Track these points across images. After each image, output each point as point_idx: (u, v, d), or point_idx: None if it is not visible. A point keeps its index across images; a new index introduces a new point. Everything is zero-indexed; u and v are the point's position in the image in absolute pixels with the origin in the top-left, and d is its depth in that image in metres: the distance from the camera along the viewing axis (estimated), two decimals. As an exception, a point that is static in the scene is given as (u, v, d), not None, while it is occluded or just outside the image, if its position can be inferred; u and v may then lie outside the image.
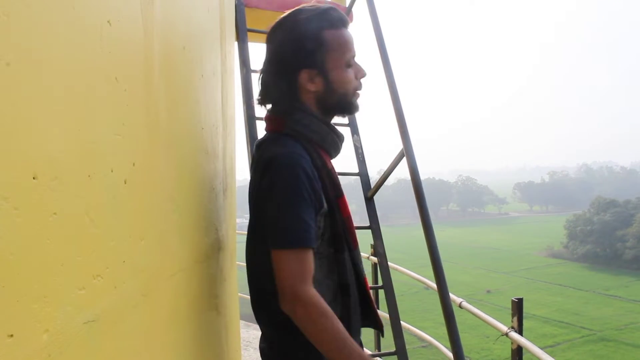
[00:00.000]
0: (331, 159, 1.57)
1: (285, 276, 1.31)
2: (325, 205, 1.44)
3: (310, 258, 1.34)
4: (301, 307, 1.30)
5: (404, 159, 2.43)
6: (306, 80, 1.49)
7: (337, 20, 1.50)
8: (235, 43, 3.25)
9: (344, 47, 1.50)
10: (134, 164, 1.09)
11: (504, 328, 2.48)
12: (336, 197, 1.49)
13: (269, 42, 1.56)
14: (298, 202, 1.35)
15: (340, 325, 1.32)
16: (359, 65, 1.54)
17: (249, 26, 3.40)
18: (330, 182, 1.48)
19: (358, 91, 1.56)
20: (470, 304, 2.98)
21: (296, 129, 1.49)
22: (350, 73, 1.52)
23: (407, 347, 2.64)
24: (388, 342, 3.15)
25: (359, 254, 1.60)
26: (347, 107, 1.56)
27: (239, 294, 3.26)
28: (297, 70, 1.49)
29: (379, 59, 2.52)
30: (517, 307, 2.45)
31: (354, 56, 1.53)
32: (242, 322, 5.20)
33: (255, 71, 3.14)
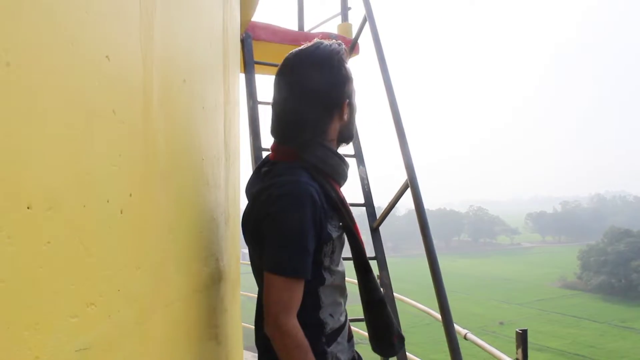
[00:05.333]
0: (340, 187, 1.61)
1: (273, 301, 1.37)
2: (332, 233, 1.50)
3: (300, 289, 1.40)
4: (280, 335, 1.36)
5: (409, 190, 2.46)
6: (344, 112, 1.56)
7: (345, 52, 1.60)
8: (242, 75, 3.30)
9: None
10: (130, 195, 1.11)
11: (509, 360, 2.45)
12: (353, 224, 1.55)
13: (287, 75, 1.57)
14: (304, 232, 1.39)
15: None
16: None
17: (256, 59, 3.47)
18: (346, 211, 1.54)
19: None
20: (483, 336, 2.96)
21: (311, 161, 1.51)
22: None
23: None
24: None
25: None
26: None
27: (245, 324, 3.24)
28: (340, 104, 1.55)
29: (384, 91, 2.58)
30: (522, 338, 2.43)
31: None
32: (249, 353, 5.15)
33: (262, 102, 3.19)
